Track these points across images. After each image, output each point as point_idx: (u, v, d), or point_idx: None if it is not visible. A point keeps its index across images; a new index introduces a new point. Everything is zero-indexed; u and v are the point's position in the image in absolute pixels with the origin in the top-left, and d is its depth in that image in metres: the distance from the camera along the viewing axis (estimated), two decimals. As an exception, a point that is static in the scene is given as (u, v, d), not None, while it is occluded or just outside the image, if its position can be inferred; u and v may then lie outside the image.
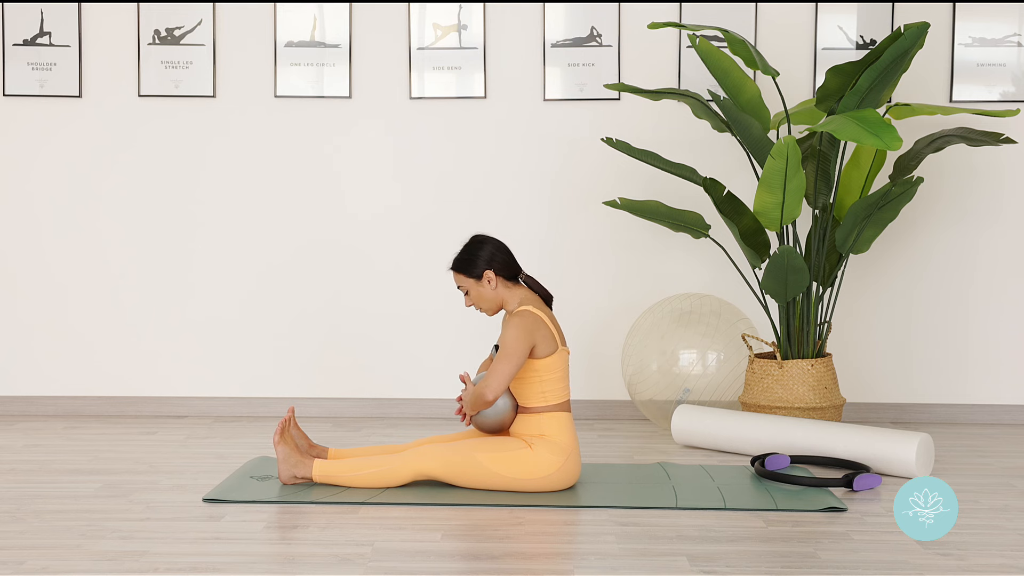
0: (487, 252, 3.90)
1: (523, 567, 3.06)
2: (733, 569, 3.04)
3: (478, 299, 3.93)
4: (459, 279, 3.93)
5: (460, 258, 3.93)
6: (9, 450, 4.53)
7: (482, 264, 3.89)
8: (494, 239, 3.95)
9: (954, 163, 5.24)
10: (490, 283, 3.89)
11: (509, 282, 3.93)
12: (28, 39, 5.27)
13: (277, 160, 5.32)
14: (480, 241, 3.94)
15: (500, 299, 3.92)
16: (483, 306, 3.94)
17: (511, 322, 3.80)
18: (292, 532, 3.38)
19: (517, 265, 3.94)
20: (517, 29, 5.26)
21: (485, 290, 3.90)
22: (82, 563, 3.05)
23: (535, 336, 3.79)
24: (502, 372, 3.76)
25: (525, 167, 5.31)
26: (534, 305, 3.86)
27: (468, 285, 3.92)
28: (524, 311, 3.82)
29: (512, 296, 3.92)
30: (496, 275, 3.89)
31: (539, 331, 3.81)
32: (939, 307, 5.29)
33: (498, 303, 3.93)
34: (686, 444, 4.64)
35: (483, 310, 3.96)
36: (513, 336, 3.77)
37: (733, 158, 5.22)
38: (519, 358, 3.76)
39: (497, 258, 3.90)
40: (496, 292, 3.91)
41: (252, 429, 4.99)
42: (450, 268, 3.96)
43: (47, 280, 5.34)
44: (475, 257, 3.90)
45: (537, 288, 3.97)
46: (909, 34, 4.39)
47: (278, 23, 5.26)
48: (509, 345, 3.76)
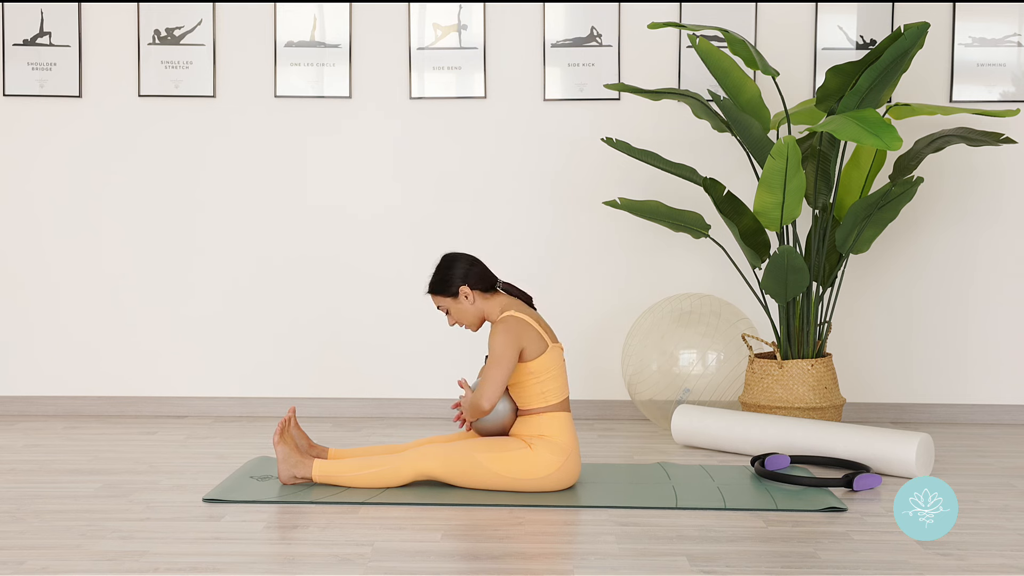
0: (460, 269, 3.91)
1: (523, 567, 3.06)
2: (733, 569, 3.04)
3: (459, 316, 3.94)
4: (437, 300, 3.95)
5: (434, 280, 3.94)
6: (9, 450, 4.53)
7: (457, 281, 3.89)
8: (465, 255, 3.96)
9: (954, 163, 5.24)
10: (467, 298, 3.90)
11: (486, 294, 3.93)
12: (28, 39, 5.27)
13: (277, 160, 5.32)
14: (452, 259, 3.94)
15: (481, 312, 3.94)
16: (465, 321, 3.95)
17: (496, 330, 3.83)
18: (292, 532, 3.38)
19: (492, 275, 3.95)
20: (517, 29, 5.26)
21: (464, 306, 3.91)
22: (82, 563, 3.05)
23: (522, 339, 3.80)
24: (494, 379, 3.76)
25: (525, 167, 5.31)
26: (516, 309, 3.87)
27: (447, 304, 3.93)
28: (507, 317, 3.84)
29: (493, 306, 3.93)
30: (472, 289, 3.90)
31: (525, 333, 3.82)
32: (939, 307, 5.29)
33: (480, 317, 3.94)
34: (686, 444, 4.64)
35: (467, 326, 3.97)
36: (500, 343, 3.78)
37: (733, 158, 5.22)
38: (509, 363, 3.77)
39: (472, 272, 3.91)
40: (476, 306, 3.92)
41: (252, 429, 5.00)
42: (427, 292, 3.98)
43: (47, 280, 5.34)
44: (448, 276, 3.91)
45: (516, 292, 3.99)
46: (909, 34, 4.39)
47: (278, 23, 5.26)
48: (497, 351, 3.78)
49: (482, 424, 3.89)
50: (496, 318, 3.91)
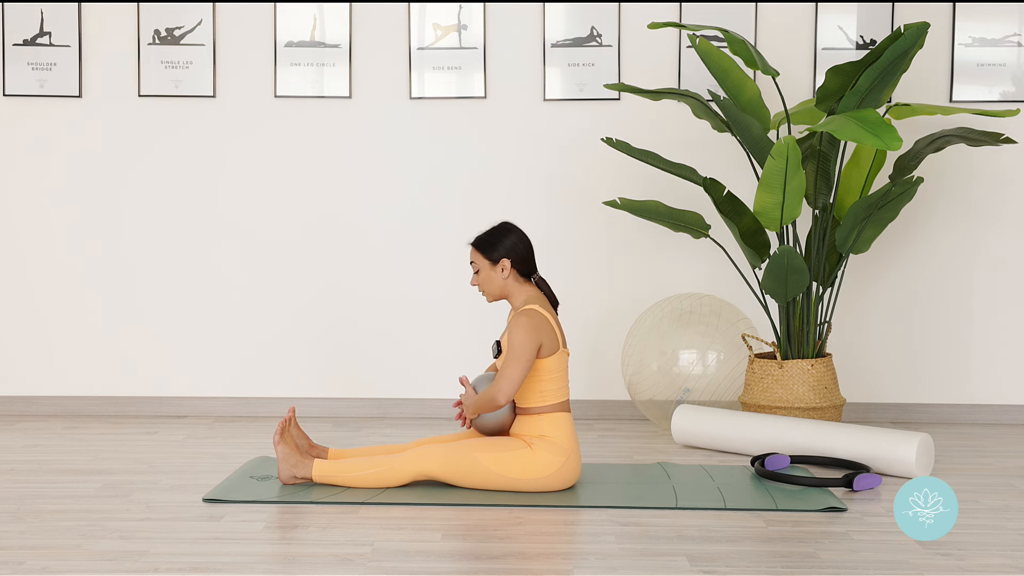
0: (510, 241, 3.89)
1: (523, 567, 3.06)
2: (733, 569, 3.04)
3: (486, 281, 3.91)
4: (475, 256, 3.91)
5: (483, 238, 3.91)
6: (9, 450, 4.53)
7: (502, 251, 3.88)
8: (521, 231, 3.94)
9: (954, 163, 5.24)
10: (503, 271, 3.88)
11: (521, 278, 3.92)
12: (28, 39, 5.27)
13: (277, 161, 5.32)
14: (507, 229, 3.92)
15: (506, 291, 3.91)
16: (488, 290, 3.92)
17: (518, 322, 3.79)
18: (292, 532, 3.38)
19: (534, 265, 3.94)
20: (517, 29, 5.26)
21: (495, 276, 3.89)
22: (82, 563, 3.05)
23: (541, 335, 3.79)
24: (512, 375, 3.75)
25: (525, 167, 5.31)
26: (540, 305, 3.86)
27: (482, 265, 3.90)
28: (531, 310, 3.82)
29: (519, 292, 3.91)
30: (511, 267, 3.89)
31: (545, 331, 3.80)
32: (939, 307, 5.29)
33: (503, 293, 3.92)
34: (686, 444, 4.64)
35: (485, 293, 3.94)
36: (521, 338, 3.76)
37: (733, 158, 5.22)
38: (528, 359, 3.76)
39: (517, 249, 3.89)
40: (505, 282, 3.90)
41: (252, 429, 4.99)
42: (470, 243, 3.95)
43: (47, 280, 5.34)
44: (497, 242, 3.89)
45: (547, 291, 3.97)
46: (909, 34, 4.39)
47: (278, 23, 5.26)
48: (517, 347, 3.76)
49: (482, 422, 3.89)
50: (517, 305, 3.89)
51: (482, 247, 3.90)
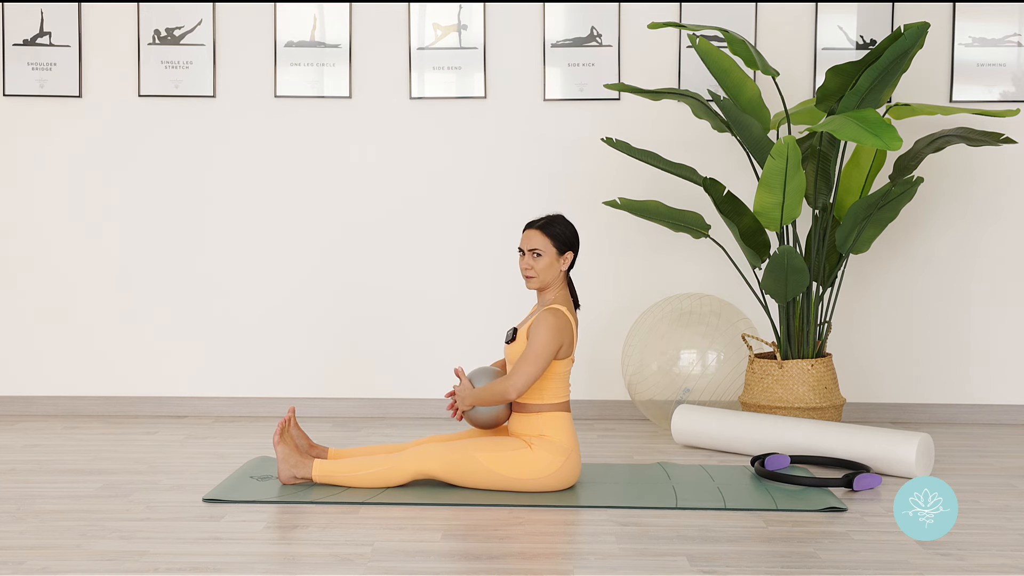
0: (577, 236, 3.91)
1: (523, 567, 3.06)
2: (733, 569, 3.04)
3: (545, 269, 3.85)
4: (542, 242, 3.85)
5: (559, 230, 3.87)
6: (9, 450, 4.53)
7: (572, 243, 3.89)
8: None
9: (954, 163, 5.24)
10: (564, 264, 3.88)
11: (565, 275, 3.94)
12: (28, 39, 5.27)
13: (277, 161, 5.32)
14: (571, 223, 3.94)
15: (555, 283, 3.89)
16: (541, 276, 3.85)
17: (546, 321, 3.78)
18: (292, 532, 3.38)
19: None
20: (517, 29, 5.26)
21: (555, 266, 3.87)
22: (82, 563, 3.05)
23: (563, 339, 3.80)
24: (528, 373, 3.75)
25: (525, 167, 5.31)
26: (567, 308, 3.86)
27: (548, 253, 3.85)
28: (560, 312, 3.81)
29: (558, 287, 3.91)
30: (570, 262, 3.90)
31: (567, 335, 3.82)
32: (939, 307, 5.29)
33: (550, 284, 3.88)
34: (686, 444, 4.64)
35: (535, 278, 3.85)
36: (545, 339, 3.75)
37: (733, 158, 5.22)
38: (547, 359, 3.76)
39: (577, 248, 3.92)
40: (560, 275, 3.89)
41: (252, 429, 4.99)
42: (539, 228, 3.87)
43: (47, 280, 5.34)
44: (571, 234, 3.89)
45: (574, 293, 3.98)
46: (909, 34, 4.39)
47: (278, 23, 5.26)
48: (539, 347, 3.75)
49: (475, 414, 3.88)
50: (548, 300, 3.88)
51: (556, 236, 3.87)
